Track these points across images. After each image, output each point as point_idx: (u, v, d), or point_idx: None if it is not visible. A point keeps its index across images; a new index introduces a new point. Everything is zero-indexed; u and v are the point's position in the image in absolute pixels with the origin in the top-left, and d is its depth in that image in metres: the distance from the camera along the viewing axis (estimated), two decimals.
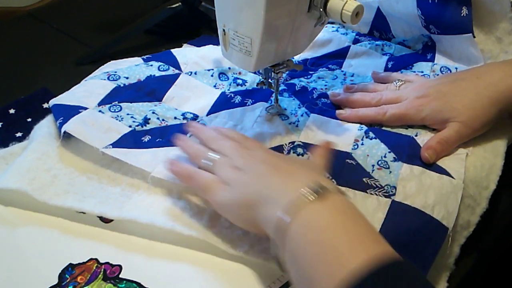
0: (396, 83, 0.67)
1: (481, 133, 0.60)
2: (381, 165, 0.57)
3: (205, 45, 0.78)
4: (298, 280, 0.41)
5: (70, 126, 0.58)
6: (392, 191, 0.53)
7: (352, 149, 0.59)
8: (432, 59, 0.74)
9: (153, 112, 0.63)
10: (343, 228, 0.41)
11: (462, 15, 0.65)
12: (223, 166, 0.50)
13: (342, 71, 0.75)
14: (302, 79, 0.73)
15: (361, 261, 0.37)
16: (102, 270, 0.48)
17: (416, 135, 0.61)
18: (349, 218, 0.42)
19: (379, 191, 0.53)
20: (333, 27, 0.84)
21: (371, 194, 0.53)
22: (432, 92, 0.62)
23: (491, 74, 0.60)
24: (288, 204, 0.43)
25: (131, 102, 0.64)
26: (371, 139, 0.60)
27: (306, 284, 0.40)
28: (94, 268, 0.48)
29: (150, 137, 0.60)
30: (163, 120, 0.63)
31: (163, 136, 0.60)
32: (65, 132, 0.57)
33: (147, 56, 0.72)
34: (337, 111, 0.65)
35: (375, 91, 0.67)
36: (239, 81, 0.71)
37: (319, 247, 0.40)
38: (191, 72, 0.70)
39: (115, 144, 0.58)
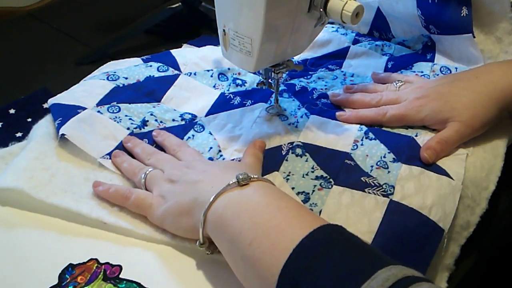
0: (396, 84, 0.67)
1: (481, 133, 0.60)
2: (380, 165, 0.57)
3: (205, 45, 0.78)
4: (236, 260, 0.44)
5: (68, 130, 0.57)
6: (390, 190, 0.53)
7: (352, 149, 0.59)
8: (432, 59, 0.74)
9: (151, 114, 0.63)
10: (275, 205, 0.44)
11: (462, 15, 0.65)
12: (157, 180, 0.52)
13: (342, 71, 0.75)
14: (302, 79, 0.73)
15: (302, 232, 0.40)
16: (102, 270, 0.48)
17: (416, 136, 0.61)
18: (277, 197, 0.45)
19: (378, 190, 0.53)
20: (332, 27, 0.84)
21: (369, 193, 0.53)
22: (431, 92, 0.62)
23: (490, 74, 0.61)
24: (215, 195, 0.46)
25: (130, 103, 0.64)
26: (370, 139, 0.60)
27: (248, 262, 0.42)
28: (94, 268, 0.48)
29: (147, 141, 0.60)
30: (161, 122, 0.63)
31: None
32: (62, 134, 0.57)
33: (146, 56, 0.72)
34: (337, 113, 0.65)
35: (375, 92, 0.67)
36: (239, 82, 0.71)
37: (253, 222, 0.43)
38: (191, 73, 0.70)
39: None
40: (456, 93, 0.60)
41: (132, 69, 0.69)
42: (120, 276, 0.48)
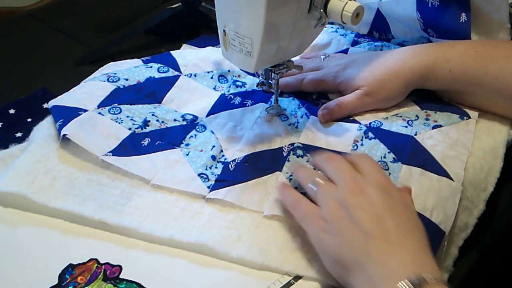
0: (321, 57, 0.71)
1: (385, 107, 0.65)
2: (381, 166, 0.57)
3: (205, 45, 0.78)
4: None
5: (70, 131, 0.58)
6: None
7: (352, 150, 0.59)
8: None
9: (153, 114, 0.63)
10: None
11: (461, 21, 0.65)
12: (326, 195, 0.48)
13: None
14: None
15: None
16: (102, 270, 0.48)
17: (415, 134, 0.61)
18: None
19: None
20: (332, 27, 0.84)
21: None
22: (349, 62, 0.67)
23: (403, 53, 0.65)
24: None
25: (131, 104, 0.64)
26: (370, 139, 0.60)
27: None
28: (94, 268, 0.48)
29: (149, 140, 0.60)
30: (162, 122, 0.63)
31: (163, 138, 0.60)
32: (64, 135, 0.57)
33: (146, 58, 0.72)
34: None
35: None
36: (239, 83, 0.71)
37: None
38: (191, 74, 0.70)
39: (115, 152, 0.58)
40: (369, 64, 0.65)
41: (132, 70, 0.69)
42: (120, 276, 0.48)
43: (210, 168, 0.57)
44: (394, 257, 0.42)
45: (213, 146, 0.60)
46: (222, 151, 0.59)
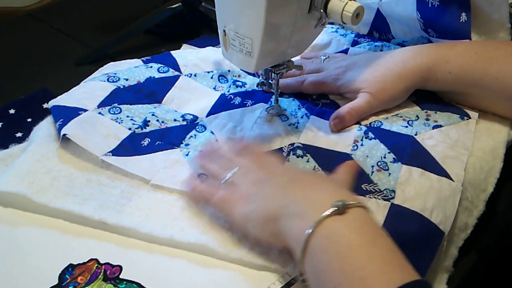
0: (322, 58, 0.71)
1: (388, 107, 0.65)
2: (381, 166, 0.57)
3: (205, 45, 0.78)
4: None
5: (70, 130, 0.58)
6: (391, 195, 0.54)
7: (352, 150, 0.59)
8: None
9: (153, 114, 0.63)
10: (366, 251, 0.40)
11: (461, 21, 0.65)
12: (243, 180, 0.50)
13: None
14: None
15: None
16: (103, 270, 0.48)
17: (416, 134, 0.61)
18: (370, 238, 0.42)
19: (378, 195, 0.54)
20: (332, 27, 0.84)
21: (370, 198, 0.53)
22: (350, 64, 0.67)
23: (403, 54, 0.65)
24: (310, 217, 0.42)
25: (131, 104, 0.64)
26: (370, 139, 0.60)
27: None
28: (95, 268, 0.48)
29: (149, 140, 0.60)
30: (162, 122, 0.63)
31: (163, 138, 0.61)
32: (64, 134, 0.57)
33: (146, 58, 0.72)
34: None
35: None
36: (239, 83, 0.71)
37: (341, 266, 0.40)
38: (191, 74, 0.70)
39: (115, 152, 0.58)
40: (370, 66, 0.65)
41: (132, 70, 0.69)
42: (120, 276, 0.48)
43: None
44: (315, 191, 0.46)
45: None
46: None
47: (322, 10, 0.53)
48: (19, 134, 0.63)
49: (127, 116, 0.62)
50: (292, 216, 0.44)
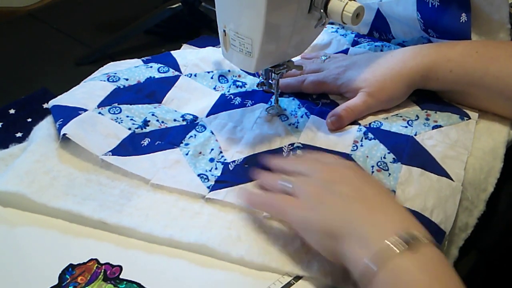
0: (322, 58, 0.71)
1: (388, 107, 0.65)
2: (381, 166, 0.57)
3: (205, 45, 0.78)
4: None
5: (70, 130, 0.58)
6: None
7: (352, 150, 0.59)
8: None
9: (153, 114, 0.63)
10: None
11: (461, 21, 0.65)
12: (303, 184, 0.48)
13: None
14: None
15: None
16: (103, 270, 0.48)
17: (415, 134, 0.61)
18: (438, 278, 0.40)
19: None
20: (332, 27, 0.84)
21: None
22: (350, 63, 0.67)
23: (403, 54, 0.65)
24: (376, 252, 0.40)
25: (131, 104, 0.64)
26: (370, 139, 0.60)
27: None
28: (95, 268, 0.48)
29: (149, 140, 0.60)
30: (162, 122, 0.63)
31: (163, 138, 0.61)
32: (64, 134, 0.57)
33: (146, 58, 0.72)
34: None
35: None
36: (239, 83, 0.71)
37: None
38: (191, 74, 0.70)
39: (115, 151, 0.58)
40: (370, 66, 0.65)
41: (132, 70, 0.69)
42: (120, 276, 0.48)
43: (210, 170, 0.57)
44: (381, 215, 0.43)
45: (212, 149, 0.60)
46: (221, 152, 0.59)
47: (322, 10, 0.53)
48: (19, 134, 0.63)
49: (127, 116, 0.62)
50: (353, 239, 0.42)
